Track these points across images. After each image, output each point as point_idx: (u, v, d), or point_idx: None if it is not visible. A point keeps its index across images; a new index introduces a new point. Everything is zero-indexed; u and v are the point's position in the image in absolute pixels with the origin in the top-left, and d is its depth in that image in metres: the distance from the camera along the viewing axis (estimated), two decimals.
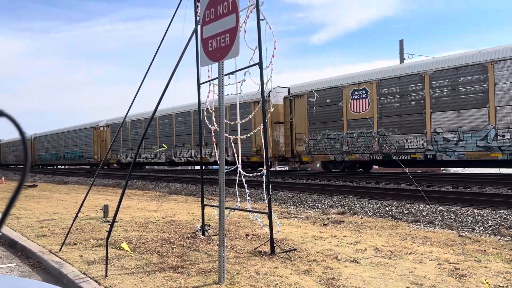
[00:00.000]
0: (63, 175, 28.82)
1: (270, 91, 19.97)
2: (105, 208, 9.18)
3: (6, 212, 0.96)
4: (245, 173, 6.61)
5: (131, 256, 5.53)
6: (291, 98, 20.05)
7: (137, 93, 6.17)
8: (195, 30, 5.79)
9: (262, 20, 5.54)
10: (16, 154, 53.06)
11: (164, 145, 14.61)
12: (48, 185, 22.03)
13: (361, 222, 7.99)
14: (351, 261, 5.07)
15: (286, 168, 28.92)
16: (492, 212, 8.12)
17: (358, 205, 10.06)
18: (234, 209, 7.08)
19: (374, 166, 21.54)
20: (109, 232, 4.91)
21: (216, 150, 5.81)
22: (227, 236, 6.63)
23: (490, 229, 7.15)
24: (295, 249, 5.68)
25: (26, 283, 2.08)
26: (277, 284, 4.25)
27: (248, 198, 6.89)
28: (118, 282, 4.43)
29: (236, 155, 6.67)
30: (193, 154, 25.36)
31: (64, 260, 5.46)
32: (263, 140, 5.85)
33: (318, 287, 4.14)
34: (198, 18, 6.14)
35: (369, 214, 9.11)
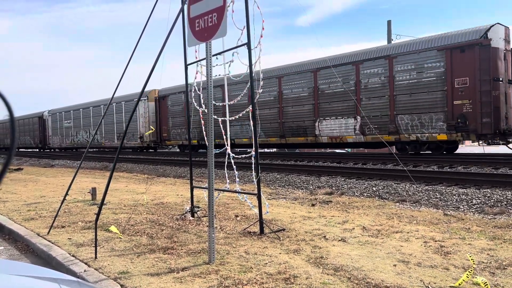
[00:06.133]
0: (49, 158, 28.50)
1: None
2: (93, 191, 9.13)
3: None
4: (234, 155, 6.60)
5: (121, 238, 5.53)
6: None
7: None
8: (182, 10, 5.69)
9: None
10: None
11: (152, 128, 14.36)
12: (34, 168, 21.78)
13: (349, 202, 8.09)
14: (339, 240, 5.15)
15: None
16: (476, 191, 8.29)
17: (345, 185, 10.16)
18: (223, 190, 7.09)
19: None
20: (98, 214, 4.89)
21: (204, 132, 5.78)
22: (216, 217, 6.67)
23: (474, 207, 7.31)
24: (284, 229, 5.74)
25: (15, 265, 2.06)
26: (266, 263, 4.30)
27: (237, 179, 6.91)
28: (108, 264, 4.44)
29: (225, 137, 6.65)
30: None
31: (52, 243, 5.44)
32: (251, 122, 5.83)
33: (307, 266, 4.21)
34: None
35: (356, 194, 9.22)
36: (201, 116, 6.91)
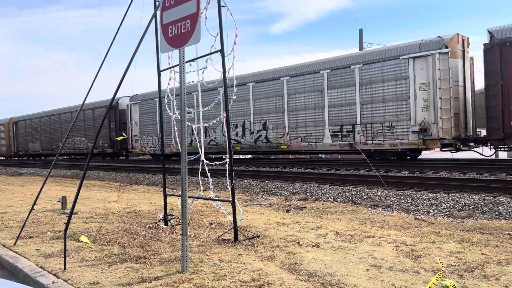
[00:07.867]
0: (17, 167, 27.61)
1: None
2: (63, 200, 8.89)
3: None
4: (208, 162, 6.56)
5: (91, 248, 5.39)
6: None
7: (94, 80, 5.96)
8: (155, 15, 5.64)
9: (223, 6, 5.47)
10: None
11: (124, 134, 13.92)
12: (1, 177, 21.05)
13: (323, 208, 8.16)
14: (313, 246, 5.18)
15: None
16: (446, 195, 8.51)
17: (319, 191, 10.26)
18: (197, 198, 7.03)
19: None
20: (67, 223, 4.75)
21: (177, 138, 5.73)
22: (190, 225, 6.60)
23: (444, 211, 7.50)
24: (258, 236, 5.74)
25: None
26: (240, 271, 4.28)
27: (212, 186, 6.87)
28: (78, 275, 4.32)
29: (198, 144, 6.60)
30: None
31: (19, 254, 5.26)
32: (226, 129, 5.81)
33: (281, 272, 4.21)
34: (157, 3, 5.98)
35: (330, 199, 9.31)
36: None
